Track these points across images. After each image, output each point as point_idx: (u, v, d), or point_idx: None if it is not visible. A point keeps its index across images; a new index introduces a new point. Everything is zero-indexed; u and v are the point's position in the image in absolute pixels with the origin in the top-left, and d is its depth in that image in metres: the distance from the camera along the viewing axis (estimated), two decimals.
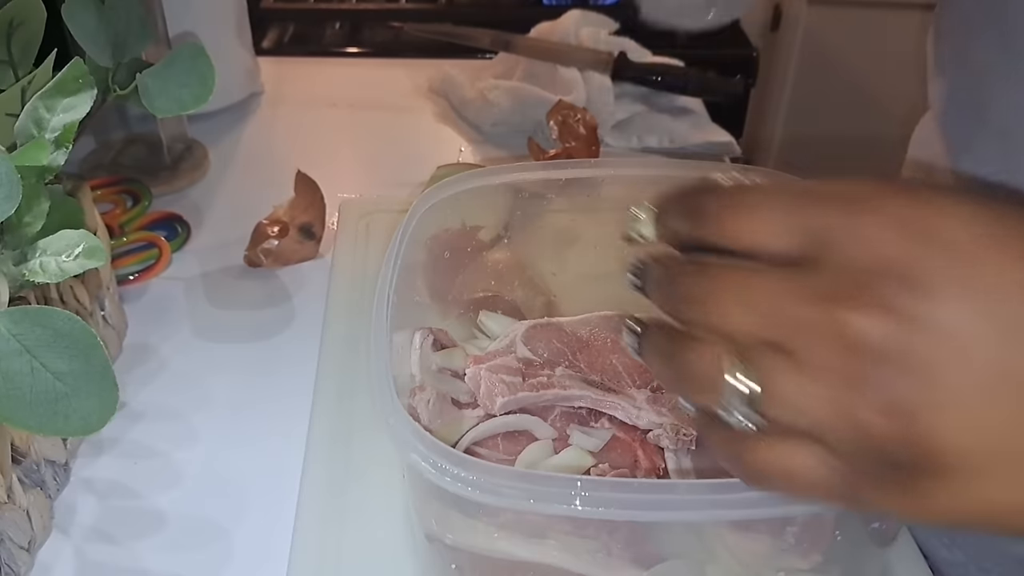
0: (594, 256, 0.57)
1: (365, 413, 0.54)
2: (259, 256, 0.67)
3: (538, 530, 0.39)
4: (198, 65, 0.50)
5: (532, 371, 0.49)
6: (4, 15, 0.48)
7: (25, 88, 0.44)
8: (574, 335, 0.52)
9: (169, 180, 0.78)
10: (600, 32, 0.91)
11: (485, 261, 0.57)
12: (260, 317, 0.64)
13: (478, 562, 0.40)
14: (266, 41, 1.16)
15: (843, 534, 0.39)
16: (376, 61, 1.07)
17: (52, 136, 0.42)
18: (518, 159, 0.82)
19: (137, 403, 0.56)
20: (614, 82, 0.86)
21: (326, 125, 0.91)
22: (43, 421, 0.35)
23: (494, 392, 0.48)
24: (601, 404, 0.49)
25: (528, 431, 0.48)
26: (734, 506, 0.33)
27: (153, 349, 0.61)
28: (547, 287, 0.58)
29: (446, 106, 0.93)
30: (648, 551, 0.39)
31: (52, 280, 0.39)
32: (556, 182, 0.54)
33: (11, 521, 0.44)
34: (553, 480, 0.34)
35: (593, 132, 0.71)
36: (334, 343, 0.59)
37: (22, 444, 0.45)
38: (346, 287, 0.64)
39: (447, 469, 0.34)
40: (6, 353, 0.35)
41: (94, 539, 0.48)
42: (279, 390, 0.58)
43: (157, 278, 0.67)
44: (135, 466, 0.52)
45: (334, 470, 0.50)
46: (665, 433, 0.47)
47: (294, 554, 0.46)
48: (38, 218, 0.40)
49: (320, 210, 0.70)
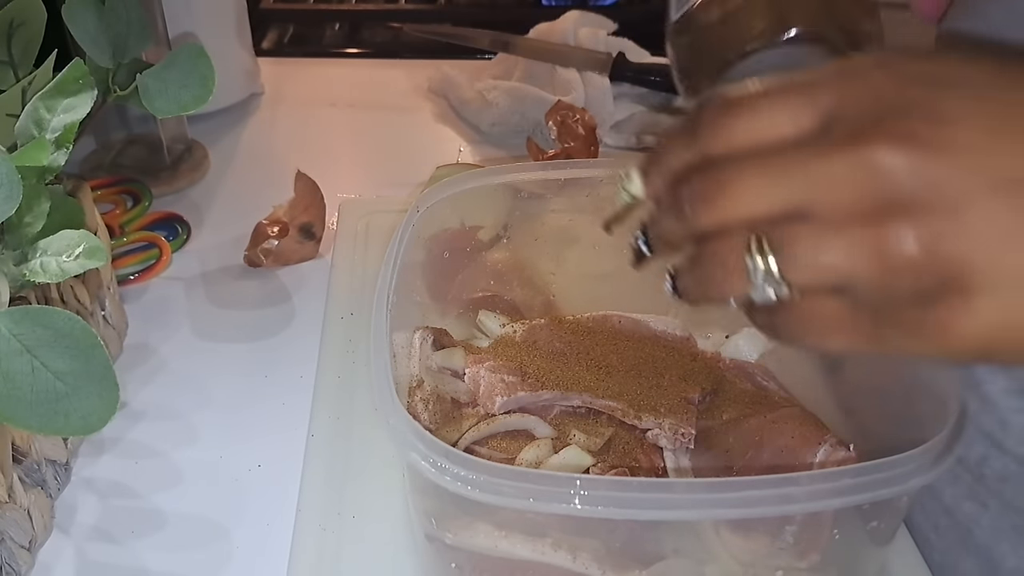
0: (593, 256, 0.57)
1: (365, 413, 0.54)
2: (259, 256, 0.67)
3: (538, 529, 0.39)
4: (198, 66, 0.50)
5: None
6: (4, 16, 0.48)
7: (25, 88, 0.44)
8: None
9: (169, 180, 0.78)
10: (599, 32, 0.91)
11: (484, 261, 0.57)
12: (260, 317, 0.64)
13: (478, 561, 0.40)
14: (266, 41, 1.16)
15: (841, 533, 0.39)
16: (376, 61, 1.07)
17: (52, 136, 0.42)
18: (517, 159, 0.82)
19: (138, 403, 0.57)
20: (613, 82, 0.86)
21: (326, 125, 0.91)
22: (44, 421, 0.36)
23: (494, 392, 0.48)
24: (600, 404, 0.49)
25: (528, 430, 0.48)
26: (733, 505, 0.34)
27: (153, 349, 0.61)
28: (546, 287, 0.58)
29: (445, 106, 0.93)
30: (647, 550, 0.40)
31: (53, 280, 0.39)
32: (555, 182, 0.54)
33: (12, 520, 0.44)
34: (553, 479, 0.34)
35: (592, 132, 0.71)
36: (334, 343, 0.59)
37: (23, 444, 0.45)
38: (346, 287, 0.64)
39: (447, 468, 0.34)
40: (7, 353, 0.35)
41: (95, 538, 0.48)
42: (279, 390, 0.58)
43: (157, 278, 0.67)
44: (136, 466, 0.52)
45: (334, 470, 0.50)
46: (664, 433, 0.47)
47: (294, 554, 0.46)
48: (39, 218, 0.40)
49: (320, 210, 0.70)
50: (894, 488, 0.34)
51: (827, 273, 0.26)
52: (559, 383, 0.49)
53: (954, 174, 0.24)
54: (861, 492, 0.34)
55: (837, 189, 0.25)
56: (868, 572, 0.44)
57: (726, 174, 0.27)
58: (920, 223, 0.25)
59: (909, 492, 0.35)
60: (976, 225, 0.24)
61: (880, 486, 0.34)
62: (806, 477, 0.34)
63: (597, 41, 0.90)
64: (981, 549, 0.51)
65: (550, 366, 0.50)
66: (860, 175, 0.25)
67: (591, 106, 0.83)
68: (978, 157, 0.25)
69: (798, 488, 0.33)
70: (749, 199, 0.27)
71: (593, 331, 0.53)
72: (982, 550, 0.51)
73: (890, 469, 0.34)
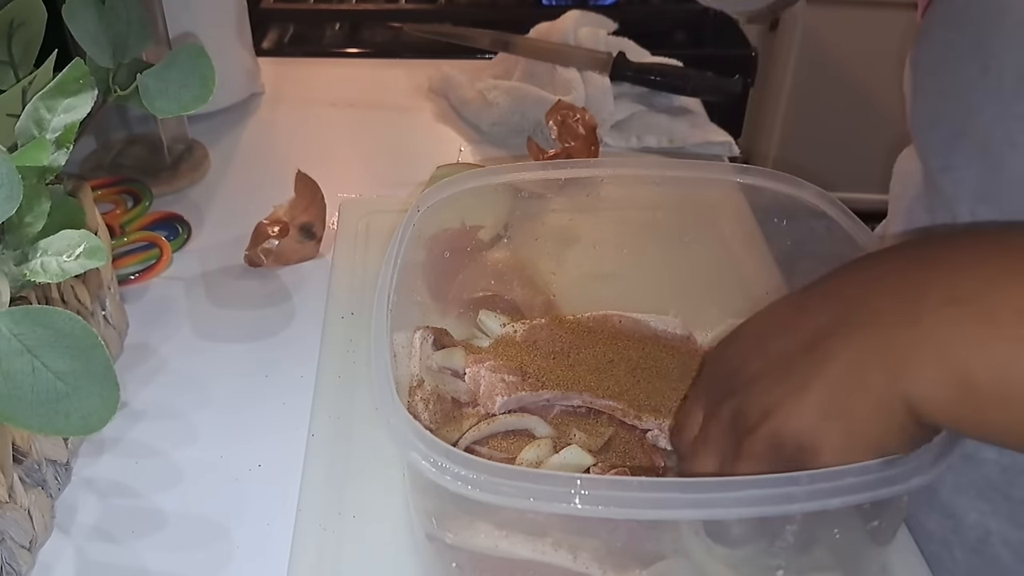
0: (594, 256, 0.58)
1: (365, 413, 0.54)
2: (259, 256, 0.67)
3: (538, 529, 0.39)
4: (198, 65, 0.50)
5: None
6: (5, 16, 0.48)
7: (26, 88, 0.44)
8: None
9: (169, 180, 0.78)
10: (599, 32, 0.91)
11: (485, 261, 0.57)
12: (260, 317, 0.64)
13: (479, 561, 0.40)
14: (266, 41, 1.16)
15: (842, 533, 0.39)
16: (376, 61, 1.07)
17: (53, 136, 0.42)
18: (517, 159, 0.82)
19: (138, 402, 0.57)
20: (613, 82, 0.86)
21: (326, 125, 0.91)
22: (44, 421, 0.36)
23: (494, 391, 0.48)
24: (600, 404, 0.49)
25: (528, 430, 0.48)
26: (733, 505, 0.34)
27: (154, 349, 0.61)
28: (547, 286, 0.58)
29: (446, 106, 0.93)
30: (648, 550, 0.40)
31: (53, 280, 0.39)
32: (556, 182, 0.54)
33: (12, 520, 0.44)
34: (553, 479, 0.34)
35: (592, 132, 0.71)
36: (334, 343, 0.59)
37: (23, 444, 0.45)
38: (346, 287, 0.64)
39: (447, 468, 0.34)
40: (7, 353, 0.35)
41: (95, 538, 0.48)
42: (279, 390, 0.58)
43: (158, 278, 0.67)
44: (136, 465, 0.52)
45: (334, 470, 0.50)
46: (664, 433, 0.47)
47: (294, 554, 0.46)
48: (39, 218, 0.40)
49: (320, 210, 0.70)
50: (894, 488, 0.34)
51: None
52: (560, 383, 0.49)
53: (758, 397, 0.38)
54: (861, 492, 0.34)
55: (725, 438, 0.40)
56: (868, 572, 0.44)
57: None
58: (760, 431, 0.37)
59: (909, 492, 0.35)
60: (782, 418, 0.36)
61: (880, 486, 0.34)
62: (806, 477, 0.34)
63: (597, 41, 0.90)
64: (945, 507, 0.52)
65: (550, 366, 0.50)
66: (726, 425, 0.39)
67: (591, 106, 0.83)
68: (760, 383, 0.38)
69: (798, 488, 0.33)
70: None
71: (593, 331, 0.53)
72: (945, 507, 0.52)
73: (890, 469, 0.34)
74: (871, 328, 0.35)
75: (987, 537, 0.51)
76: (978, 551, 0.52)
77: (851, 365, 0.35)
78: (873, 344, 0.35)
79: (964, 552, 0.52)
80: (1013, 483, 0.49)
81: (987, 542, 0.51)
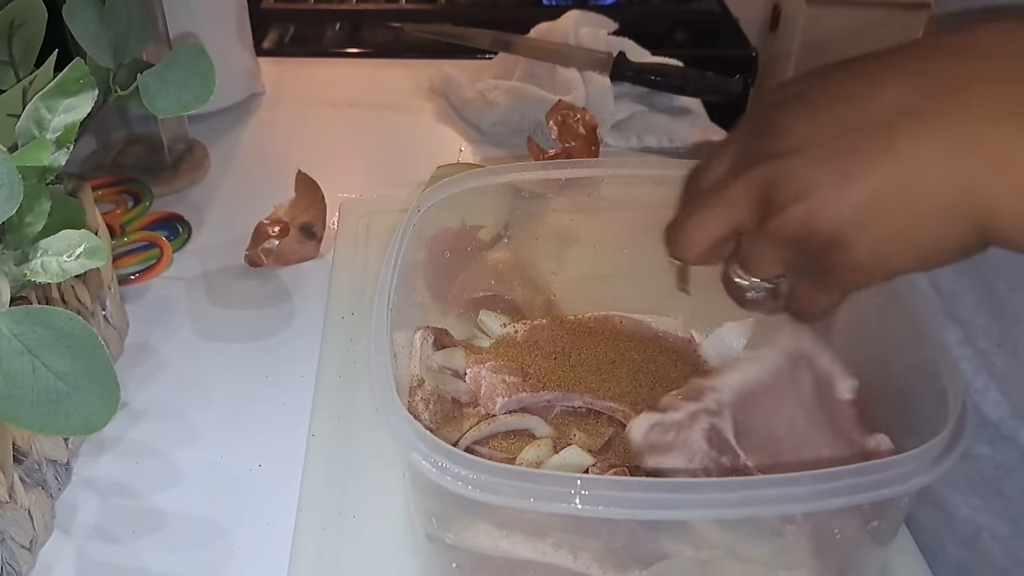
0: (594, 256, 0.57)
1: (365, 413, 0.54)
2: (260, 256, 0.67)
3: (539, 529, 0.39)
4: (199, 65, 0.50)
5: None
6: (5, 16, 0.48)
7: (26, 88, 0.44)
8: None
9: (170, 180, 0.78)
10: (599, 32, 0.91)
11: (485, 261, 0.57)
12: (260, 317, 0.64)
13: (479, 561, 0.40)
14: (266, 41, 1.16)
15: (842, 533, 0.39)
16: (376, 61, 1.07)
17: (53, 136, 0.42)
18: (518, 159, 0.82)
19: (138, 402, 0.57)
20: (613, 82, 0.86)
21: (326, 125, 0.91)
22: (45, 420, 0.36)
23: (495, 392, 0.48)
24: (600, 404, 0.49)
25: (528, 430, 0.48)
26: (734, 505, 0.34)
27: (154, 348, 0.61)
28: (547, 286, 0.58)
29: (446, 106, 0.93)
30: (648, 550, 0.39)
31: (53, 280, 0.39)
32: (556, 182, 0.54)
33: (13, 520, 0.44)
34: (553, 479, 0.34)
35: (592, 132, 0.71)
36: (334, 343, 0.59)
37: (24, 444, 0.45)
38: (346, 287, 0.64)
39: (448, 468, 0.34)
40: (8, 353, 0.35)
41: (95, 538, 0.48)
42: (280, 390, 0.58)
43: (158, 278, 0.67)
44: (136, 465, 0.52)
45: (334, 470, 0.50)
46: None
47: (294, 554, 0.46)
48: (39, 218, 0.40)
49: (320, 210, 0.70)
50: (894, 488, 0.34)
51: (770, 264, 0.36)
52: (560, 383, 0.49)
53: (797, 171, 0.34)
54: (861, 492, 0.34)
55: (747, 203, 0.36)
56: (868, 572, 0.44)
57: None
58: (792, 212, 0.33)
59: (909, 492, 0.35)
60: (819, 203, 0.33)
61: (880, 486, 0.34)
62: (807, 477, 0.34)
63: (598, 41, 0.90)
64: (937, 500, 0.52)
65: (551, 366, 0.50)
66: (753, 191, 0.35)
67: (592, 106, 0.83)
68: (805, 155, 0.33)
69: (798, 488, 0.33)
70: (707, 230, 0.37)
71: (594, 331, 0.53)
72: (937, 500, 0.52)
73: (890, 469, 0.34)
74: (958, 126, 0.31)
75: (978, 532, 0.51)
76: (969, 545, 0.52)
77: (923, 159, 0.31)
78: (958, 140, 0.30)
79: (955, 545, 0.52)
80: (1006, 480, 0.49)
81: (978, 537, 0.51)
